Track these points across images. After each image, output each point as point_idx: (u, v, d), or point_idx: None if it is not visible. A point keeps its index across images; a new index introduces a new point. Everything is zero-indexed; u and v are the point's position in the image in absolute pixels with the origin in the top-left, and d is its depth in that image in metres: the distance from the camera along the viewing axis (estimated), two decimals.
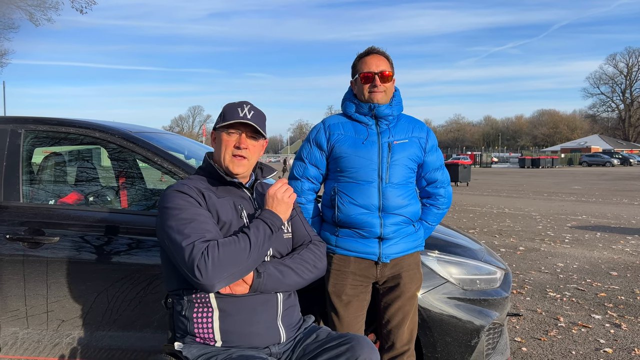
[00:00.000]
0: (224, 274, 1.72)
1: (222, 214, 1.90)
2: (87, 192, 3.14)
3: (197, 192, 1.89)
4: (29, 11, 29.24)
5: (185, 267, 1.72)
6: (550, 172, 39.88)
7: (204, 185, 1.96)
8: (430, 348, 2.55)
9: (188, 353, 1.84)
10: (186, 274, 1.74)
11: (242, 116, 1.95)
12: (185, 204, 1.83)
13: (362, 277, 2.34)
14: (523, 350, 3.79)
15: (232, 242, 1.77)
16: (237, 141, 1.96)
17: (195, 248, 1.71)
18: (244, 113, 1.96)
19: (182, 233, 1.75)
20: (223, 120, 1.97)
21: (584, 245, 7.93)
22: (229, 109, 1.99)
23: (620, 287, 5.53)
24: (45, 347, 2.70)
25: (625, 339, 4.01)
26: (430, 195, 2.49)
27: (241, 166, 1.97)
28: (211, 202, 1.90)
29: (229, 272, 1.73)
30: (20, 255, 2.66)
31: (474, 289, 2.69)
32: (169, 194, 1.88)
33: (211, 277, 1.70)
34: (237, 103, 2.01)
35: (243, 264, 1.77)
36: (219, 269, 1.71)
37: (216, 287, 1.74)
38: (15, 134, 2.89)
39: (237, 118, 1.95)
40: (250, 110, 1.98)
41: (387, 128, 2.36)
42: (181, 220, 1.78)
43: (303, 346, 1.93)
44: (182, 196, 1.85)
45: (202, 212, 1.84)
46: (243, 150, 1.96)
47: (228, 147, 1.96)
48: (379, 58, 2.35)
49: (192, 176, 2.04)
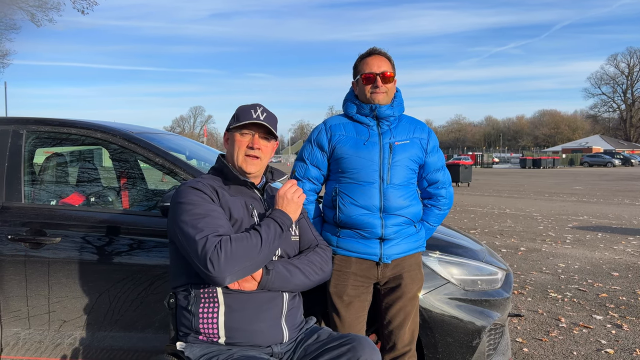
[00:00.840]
0: (235, 267, 1.76)
1: (234, 211, 1.95)
2: (89, 193, 3.14)
3: (211, 190, 1.94)
4: (31, 12, 29.34)
5: (198, 260, 1.76)
6: (552, 172, 39.86)
7: (218, 183, 2.01)
8: (431, 349, 2.55)
9: (190, 353, 1.85)
10: (198, 267, 1.77)
11: (256, 117, 2.01)
12: (199, 199, 1.88)
13: (364, 277, 2.34)
14: (524, 351, 3.79)
15: (245, 238, 1.81)
16: (251, 141, 2.02)
17: (208, 241, 1.75)
18: (257, 114, 2.02)
19: (196, 227, 1.79)
20: (237, 121, 2.03)
21: (585, 246, 7.93)
22: (243, 110, 2.04)
23: (621, 288, 5.52)
24: (47, 347, 2.71)
25: (627, 340, 4.00)
26: (431, 196, 2.50)
27: (254, 165, 2.03)
28: (224, 199, 1.95)
29: (240, 266, 1.77)
30: (22, 255, 2.66)
31: (475, 289, 2.69)
32: (183, 190, 1.93)
33: (223, 270, 1.74)
34: (250, 105, 2.07)
35: (254, 260, 1.81)
36: (231, 262, 1.75)
37: (227, 281, 1.77)
38: (17, 134, 2.90)
39: (250, 119, 2.00)
40: (263, 112, 2.04)
41: (389, 129, 2.37)
42: (195, 215, 1.83)
43: (304, 346, 1.94)
44: (196, 192, 1.90)
45: (216, 209, 1.89)
46: (256, 151, 2.02)
47: (241, 147, 2.02)
48: (380, 59, 2.35)
49: (205, 175, 2.09)
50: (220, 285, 1.84)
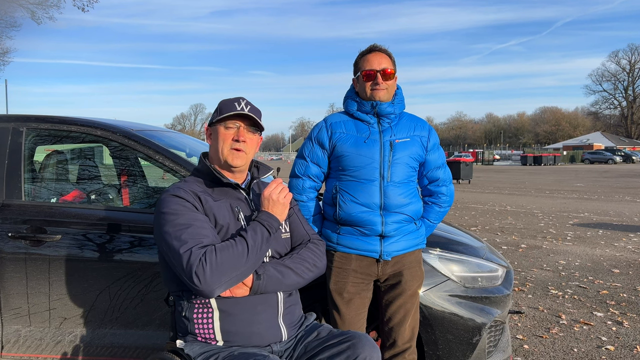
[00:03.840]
0: (222, 279, 1.72)
1: (219, 217, 1.89)
2: (89, 190, 3.14)
3: (193, 196, 1.87)
4: (31, 9, 29.33)
5: (184, 274, 1.72)
6: (553, 169, 39.81)
7: (200, 188, 1.94)
8: (431, 345, 2.55)
9: (190, 351, 1.85)
10: (185, 280, 1.73)
11: (240, 109, 1.96)
12: (182, 208, 1.82)
13: (364, 274, 2.34)
14: (525, 348, 3.79)
15: (230, 247, 1.76)
16: (236, 134, 1.96)
17: (192, 255, 1.70)
18: (241, 107, 1.97)
19: (180, 239, 1.74)
20: (220, 114, 1.97)
21: (586, 243, 7.92)
22: (226, 104, 1.99)
23: (622, 285, 5.52)
24: (47, 344, 2.71)
25: (627, 337, 4.00)
26: (432, 194, 2.49)
27: (240, 158, 1.96)
28: (208, 205, 1.89)
29: (228, 277, 1.73)
30: (22, 253, 2.66)
31: (475, 286, 2.69)
32: (165, 198, 1.87)
33: (210, 283, 1.70)
34: (233, 98, 2.00)
35: (241, 268, 1.76)
36: (217, 274, 1.70)
37: (215, 293, 1.74)
38: (17, 132, 2.90)
39: (234, 111, 1.95)
40: (247, 105, 1.99)
41: (389, 126, 2.36)
42: (178, 225, 1.78)
43: (304, 344, 1.93)
44: (178, 201, 1.84)
45: (199, 217, 1.83)
46: (241, 143, 1.95)
47: (226, 140, 1.96)
48: (381, 56, 2.34)
49: (188, 178, 2.01)
50: (210, 297, 1.80)
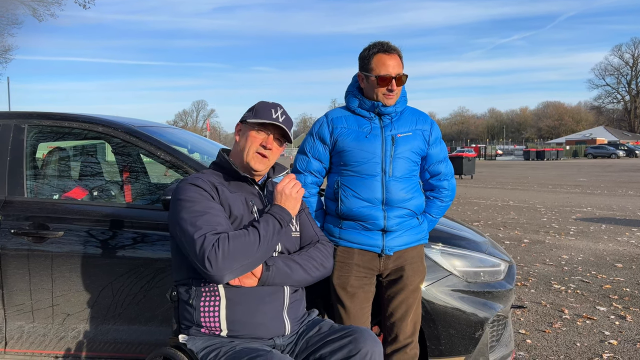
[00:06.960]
0: (233, 265, 1.76)
1: (234, 208, 1.94)
2: (92, 187, 3.15)
3: (211, 186, 1.93)
4: (32, 6, 29.34)
5: (196, 259, 1.76)
6: (555, 164, 39.74)
7: (218, 179, 2.00)
8: (434, 340, 2.56)
9: (193, 346, 1.86)
10: (197, 265, 1.77)
11: (275, 118, 1.99)
12: (199, 196, 1.88)
13: (366, 269, 2.34)
14: (527, 342, 3.79)
15: (242, 235, 1.81)
16: (265, 141, 2.00)
17: (206, 240, 1.75)
18: (277, 115, 2.01)
19: (194, 225, 1.79)
20: (255, 116, 2.00)
21: (589, 238, 7.91)
22: (263, 107, 2.02)
23: (625, 279, 5.52)
24: (50, 340, 2.72)
25: (630, 331, 4.00)
26: (433, 188, 2.49)
27: (262, 164, 2.01)
28: (224, 196, 1.94)
29: (239, 264, 1.78)
30: (25, 249, 2.67)
31: (477, 281, 2.69)
32: (183, 186, 1.92)
33: (221, 269, 1.74)
34: (270, 103, 2.05)
35: (252, 257, 1.81)
36: (229, 260, 1.75)
37: (225, 279, 1.78)
38: (19, 129, 2.90)
39: (270, 119, 1.99)
40: (282, 114, 2.03)
41: (390, 121, 2.35)
42: (194, 212, 1.83)
43: (306, 338, 1.94)
44: (196, 189, 1.90)
45: (215, 206, 1.88)
46: (268, 151, 2.00)
47: (254, 143, 2.00)
48: (396, 59, 2.28)
49: (206, 170, 2.07)
50: (220, 283, 1.84)
